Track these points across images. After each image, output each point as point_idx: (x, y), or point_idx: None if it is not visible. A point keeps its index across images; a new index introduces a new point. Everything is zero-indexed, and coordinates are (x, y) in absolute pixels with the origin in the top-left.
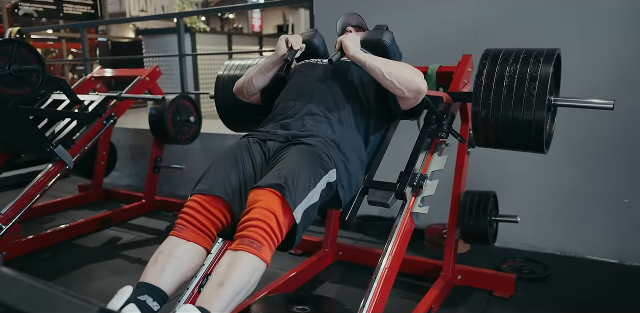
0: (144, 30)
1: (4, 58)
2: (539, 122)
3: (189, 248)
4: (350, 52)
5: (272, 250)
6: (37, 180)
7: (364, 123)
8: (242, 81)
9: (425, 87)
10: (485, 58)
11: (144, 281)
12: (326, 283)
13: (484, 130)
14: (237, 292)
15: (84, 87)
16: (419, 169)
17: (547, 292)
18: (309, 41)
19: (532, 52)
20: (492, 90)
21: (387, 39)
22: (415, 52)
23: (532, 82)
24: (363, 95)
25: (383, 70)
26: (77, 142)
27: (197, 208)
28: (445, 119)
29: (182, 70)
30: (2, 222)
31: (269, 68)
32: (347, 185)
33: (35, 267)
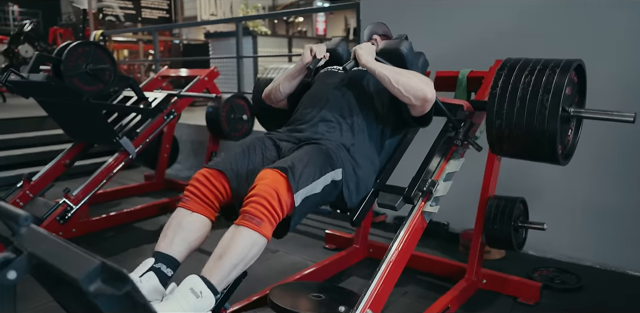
0: (212, 33)
1: (82, 58)
2: (552, 133)
3: (194, 219)
4: (362, 61)
5: (273, 226)
6: (104, 167)
7: (378, 129)
8: (270, 88)
9: (433, 95)
10: (503, 68)
11: (158, 250)
12: (353, 278)
13: (499, 140)
14: (235, 264)
15: (151, 85)
16: (432, 175)
17: (575, 302)
18: (333, 49)
19: (550, 63)
20: (507, 100)
21: (404, 49)
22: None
23: (546, 94)
24: (378, 103)
25: (391, 78)
26: (140, 135)
27: (202, 180)
28: (462, 127)
29: (239, 71)
30: (72, 203)
31: (295, 75)
32: (354, 188)
33: (99, 243)
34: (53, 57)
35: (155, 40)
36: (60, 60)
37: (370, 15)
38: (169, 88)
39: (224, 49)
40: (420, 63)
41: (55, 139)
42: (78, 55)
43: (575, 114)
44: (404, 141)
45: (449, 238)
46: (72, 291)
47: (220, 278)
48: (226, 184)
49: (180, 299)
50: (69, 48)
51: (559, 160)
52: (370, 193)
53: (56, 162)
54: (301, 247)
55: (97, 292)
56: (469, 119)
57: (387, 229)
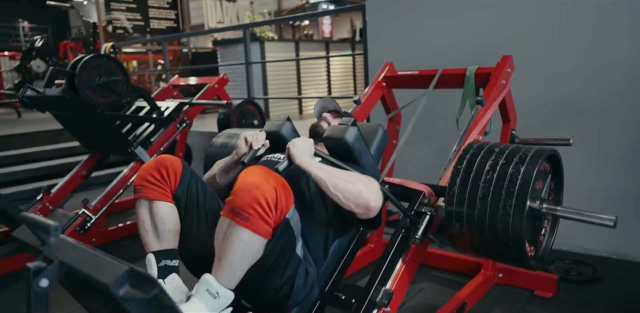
0: (220, 40)
1: (95, 71)
2: (518, 240)
3: (158, 208)
4: (296, 161)
5: (266, 223)
6: (121, 177)
7: (321, 235)
8: (207, 176)
9: (377, 203)
10: (462, 160)
11: (151, 251)
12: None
13: (460, 242)
14: (235, 265)
15: (163, 94)
16: (385, 284)
17: (592, 294)
18: (277, 133)
19: (515, 155)
20: (466, 202)
21: (349, 138)
22: (456, 55)
23: (509, 199)
24: (319, 206)
25: (328, 183)
26: (155, 144)
27: (154, 165)
28: (421, 222)
29: (248, 77)
30: (91, 213)
31: (231, 167)
32: (303, 282)
33: (117, 252)
34: (67, 71)
35: (165, 49)
36: (74, 73)
37: (376, 16)
38: (180, 97)
39: (232, 55)
40: (376, 144)
41: (70, 151)
42: (91, 68)
43: (548, 211)
44: (354, 241)
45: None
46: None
47: (228, 279)
48: (178, 175)
49: (199, 301)
50: (82, 62)
51: (530, 264)
52: (317, 304)
53: (73, 174)
54: None
55: (127, 296)
56: (431, 208)
57: None
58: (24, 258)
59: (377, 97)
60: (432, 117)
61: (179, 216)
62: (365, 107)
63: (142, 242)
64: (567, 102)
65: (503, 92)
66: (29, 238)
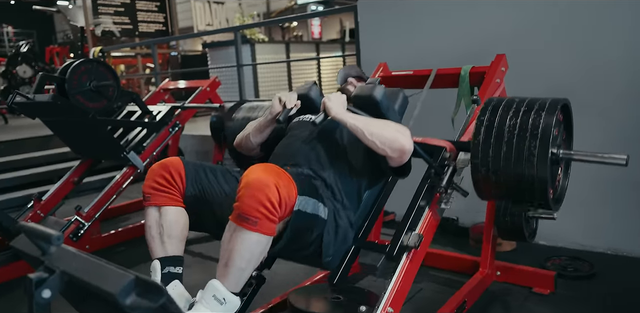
0: (209, 43)
1: (85, 76)
2: (542, 180)
3: (167, 213)
4: (332, 113)
5: (273, 222)
6: (114, 182)
7: (353, 183)
8: (240, 137)
9: (410, 146)
10: (485, 110)
11: (156, 257)
12: (369, 277)
13: (485, 187)
14: (243, 268)
15: (154, 98)
16: (415, 228)
17: (590, 290)
18: (305, 96)
19: (534, 104)
20: (492, 146)
21: (377, 95)
22: (450, 54)
23: (533, 140)
24: (352, 155)
25: (364, 131)
26: (147, 148)
27: (158, 171)
28: (445, 173)
29: (240, 79)
30: (84, 220)
31: (266, 126)
32: (333, 235)
33: (111, 259)
34: (57, 76)
35: (155, 53)
36: (65, 79)
37: (368, 17)
38: (172, 100)
39: (222, 58)
40: (398, 104)
41: (60, 157)
42: (81, 73)
43: (564, 156)
44: (383, 191)
45: (458, 232)
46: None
47: (234, 283)
48: (183, 176)
49: (206, 308)
50: (72, 67)
51: (551, 205)
52: (351, 251)
53: (65, 180)
54: None
55: (134, 305)
56: (453, 162)
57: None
58: (17, 267)
59: None
60: (425, 117)
61: (200, 205)
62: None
63: (148, 248)
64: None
65: (498, 91)
66: (28, 248)
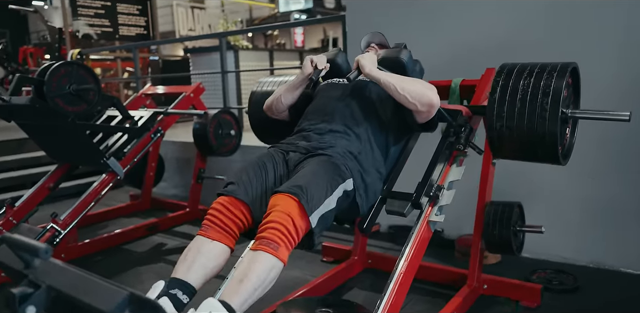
0: (191, 48)
1: (65, 79)
2: (553, 135)
3: (214, 246)
4: (366, 70)
5: (289, 250)
6: (92, 189)
7: (383, 137)
8: (271, 99)
9: (438, 101)
10: (501, 72)
11: (175, 277)
12: (354, 290)
13: (500, 142)
14: (255, 288)
15: (135, 103)
16: (436, 180)
17: (575, 304)
18: (333, 60)
19: (546, 67)
20: (507, 103)
21: (404, 57)
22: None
23: (545, 97)
24: (381, 111)
25: (397, 86)
26: (128, 155)
27: (221, 209)
28: (463, 132)
29: (224, 86)
30: (60, 227)
31: (297, 86)
32: (364, 194)
33: (89, 269)
34: (35, 78)
35: (136, 57)
36: (43, 81)
37: (355, 27)
38: (153, 106)
39: (205, 64)
40: (418, 69)
41: (35, 161)
42: (61, 75)
43: (572, 114)
44: (406, 148)
45: (444, 244)
46: None
47: (242, 302)
48: (246, 212)
49: None
50: (52, 69)
51: (560, 160)
52: (378, 200)
53: (40, 186)
54: (298, 261)
55: None
56: (468, 124)
57: (382, 238)
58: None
59: None
60: None
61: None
62: None
63: (174, 267)
64: None
65: None
66: (9, 260)
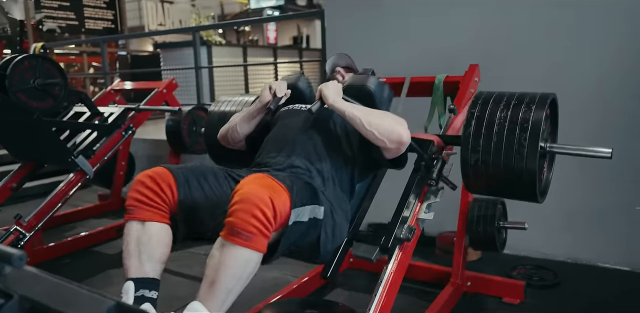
0: (162, 43)
1: (29, 72)
2: (531, 172)
3: (151, 230)
4: (329, 102)
5: (267, 238)
6: (59, 189)
7: (347, 173)
8: (226, 128)
9: (408, 137)
10: (476, 103)
11: (130, 277)
12: (337, 290)
13: (475, 177)
14: (230, 288)
15: (104, 99)
16: (407, 221)
17: (557, 299)
18: (294, 86)
19: (524, 98)
20: (482, 136)
21: (371, 85)
22: (423, 62)
23: (523, 133)
24: (346, 145)
25: (363, 120)
26: (97, 153)
27: (146, 182)
28: (434, 166)
29: (198, 82)
30: (25, 230)
31: (253, 115)
32: (331, 233)
33: (56, 272)
34: None
35: (104, 51)
36: (5, 75)
37: (335, 23)
38: (123, 102)
39: (176, 59)
40: (386, 96)
41: None
42: (24, 69)
43: (550, 149)
44: (373, 184)
45: (424, 241)
46: None
47: (218, 306)
48: (173, 186)
49: None
50: (15, 62)
51: (537, 197)
52: (344, 243)
53: (2, 186)
54: (278, 262)
55: None
56: (441, 156)
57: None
58: None
59: None
60: None
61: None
62: None
63: (123, 265)
64: None
65: None
66: None
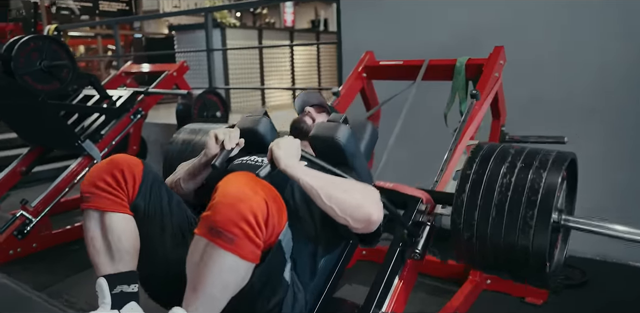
0: (176, 26)
1: (35, 54)
2: (540, 255)
3: (112, 220)
4: (281, 166)
5: (256, 244)
6: (66, 174)
7: (307, 251)
8: (170, 180)
9: (379, 215)
10: (473, 161)
11: (103, 275)
12: (347, 285)
13: (470, 257)
14: (216, 296)
15: (114, 82)
16: (384, 305)
17: (584, 300)
18: (251, 131)
19: (535, 158)
20: (478, 209)
21: (342, 138)
22: (444, 44)
23: (530, 209)
24: (306, 217)
25: (321, 193)
26: (105, 137)
27: (105, 166)
28: (420, 234)
29: (210, 65)
30: (32, 215)
31: (199, 170)
32: (290, 310)
33: (64, 259)
34: (1, 53)
35: (117, 34)
36: (10, 56)
37: (351, 3)
38: (134, 85)
39: (190, 42)
40: (366, 141)
41: (7, 143)
42: (30, 50)
43: (566, 223)
44: (344, 256)
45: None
46: None
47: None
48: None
49: None
50: (20, 43)
51: (546, 280)
52: None
53: (11, 170)
54: None
55: None
56: (430, 217)
57: None
58: None
59: (357, 90)
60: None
61: (139, 231)
62: (344, 101)
63: (92, 263)
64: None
65: (496, 86)
66: None
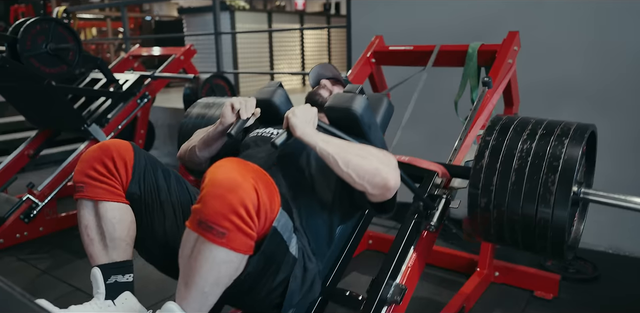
0: (186, 8)
1: (41, 36)
2: (560, 228)
3: (106, 209)
4: (297, 133)
5: (248, 236)
6: (72, 158)
7: (324, 221)
8: (185, 148)
9: (397, 181)
10: (492, 129)
11: (97, 264)
12: (353, 273)
13: (484, 224)
14: (208, 291)
15: (121, 66)
16: (397, 277)
17: (595, 294)
18: (267, 102)
19: (555, 128)
20: (497, 174)
21: (358, 108)
22: (455, 29)
23: (551, 174)
24: (322, 186)
25: (338, 159)
26: (111, 121)
27: (95, 154)
28: (436, 206)
29: (218, 49)
30: (38, 199)
31: (214, 139)
32: (300, 281)
33: (70, 243)
34: (7, 35)
35: (125, 16)
36: (16, 38)
37: None
38: (141, 69)
39: (199, 25)
40: (381, 115)
41: (17, 126)
42: (36, 33)
43: (585, 196)
44: (360, 226)
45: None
46: None
47: (198, 308)
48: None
49: None
50: (26, 25)
51: (564, 254)
52: (317, 303)
53: (19, 153)
54: None
55: None
56: (446, 190)
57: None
58: None
59: (366, 75)
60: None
61: (138, 216)
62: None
63: (86, 253)
64: (572, 84)
65: (510, 73)
66: None
